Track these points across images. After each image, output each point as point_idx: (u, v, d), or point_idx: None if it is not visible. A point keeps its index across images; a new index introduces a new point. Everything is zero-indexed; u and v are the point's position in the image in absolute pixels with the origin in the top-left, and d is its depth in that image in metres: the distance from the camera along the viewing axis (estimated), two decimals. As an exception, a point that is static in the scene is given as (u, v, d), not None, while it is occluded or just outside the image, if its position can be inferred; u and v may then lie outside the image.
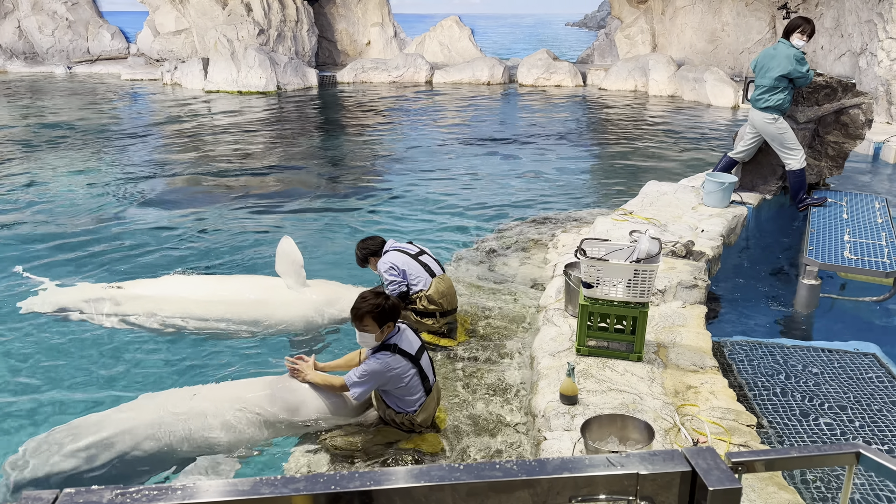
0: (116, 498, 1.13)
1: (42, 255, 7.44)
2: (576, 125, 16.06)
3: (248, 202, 9.56)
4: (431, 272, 5.38)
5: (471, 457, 4.10)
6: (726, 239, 6.61)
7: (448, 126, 15.69)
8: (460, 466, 1.22)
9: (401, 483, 1.20)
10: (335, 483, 1.18)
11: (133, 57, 25.27)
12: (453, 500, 1.22)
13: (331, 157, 12.62)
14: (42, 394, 4.89)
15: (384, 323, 4.02)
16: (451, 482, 1.19)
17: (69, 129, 14.70)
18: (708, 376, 4.22)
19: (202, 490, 1.16)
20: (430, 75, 22.91)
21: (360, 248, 5.57)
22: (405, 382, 4.05)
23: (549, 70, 22.44)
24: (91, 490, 1.15)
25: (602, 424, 3.43)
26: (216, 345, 5.49)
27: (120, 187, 10.33)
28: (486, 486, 1.20)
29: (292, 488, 1.15)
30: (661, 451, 1.26)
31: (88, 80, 23.04)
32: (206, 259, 7.41)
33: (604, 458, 1.23)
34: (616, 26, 23.76)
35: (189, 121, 16.04)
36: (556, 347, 4.75)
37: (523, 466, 1.22)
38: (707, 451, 1.25)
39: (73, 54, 25.61)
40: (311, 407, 4.26)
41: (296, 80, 21.12)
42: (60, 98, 19.19)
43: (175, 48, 23.76)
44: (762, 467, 1.30)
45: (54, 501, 1.13)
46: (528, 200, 9.70)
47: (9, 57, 24.88)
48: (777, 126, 7.03)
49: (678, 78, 19.66)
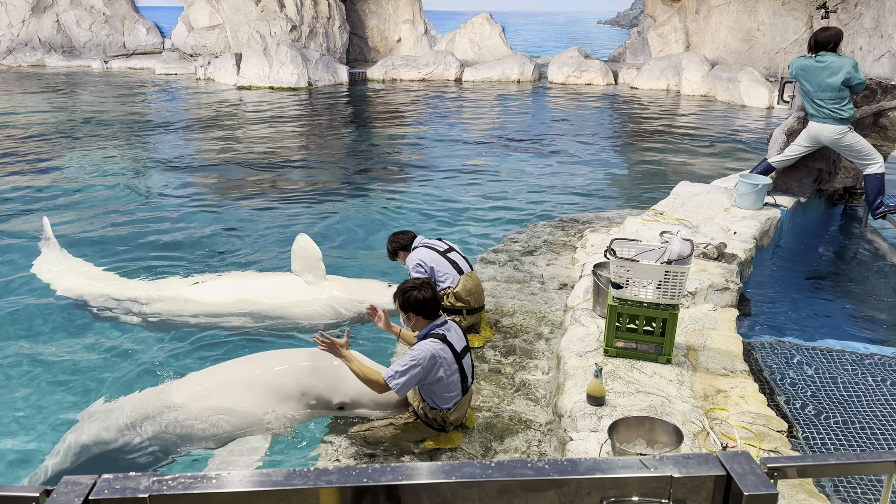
0: (153, 485, 1.15)
1: (70, 246, 7.57)
2: (606, 124, 15.94)
3: (276, 197, 9.65)
4: (459, 269, 5.38)
5: (495, 455, 4.10)
6: (759, 241, 6.51)
7: (476, 124, 15.67)
8: (492, 464, 1.22)
9: (432, 479, 1.21)
10: (367, 476, 1.19)
11: (167, 52, 25.63)
12: (480, 497, 1.22)
13: (359, 154, 12.68)
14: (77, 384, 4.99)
15: (407, 311, 4.07)
16: (483, 479, 1.19)
17: (103, 122, 14.96)
18: (738, 380, 4.16)
19: (236, 479, 1.18)
20: (460, 73, 22.89)
21: (390, 241, 5.60)
22: (446, 377, 4.01)
23: (579, 68, 22.30)
24: (128, 476, 1.17)
25: (630, 426, 3.41)
26: (242, 344, 5.55)
27: (150, 181, 10.49)
28: (517, 485, 1.20)
29: (325, 480, 1.16)
30: (695, 454, 1.25)
31: (124, 74, 23.42)
32: (233, 254, 7.49)
33: (637, 460, 1.22)
34: (649, 25, 23.52)
35: (221, 116, 16.22)
36: (583, 348, 4.72)
37: (555, 466, 1.22)
38: (742, 456, 1.23)
39: (110, 48, 26.05)
40: (350, 386, 4.26)
41: (327, 77, 21.25)
42: (96, 91, 19.54)
43: (209, 43, 24.06)
44: (799, 473, 1.28)
45: (93, 486, 1.15)
46: (556, 200, 9.66)
47: (47, 50, 25.39)
48: (851, 136, 6.82)
49: (712, 78, 19.40)
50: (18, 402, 4.74)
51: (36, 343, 5.51)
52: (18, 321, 5.84)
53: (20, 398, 4.77)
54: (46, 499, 1.15)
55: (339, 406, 4.31)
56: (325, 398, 4.28)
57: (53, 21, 25.60)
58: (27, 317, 5.91)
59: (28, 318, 5.90)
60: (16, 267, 6.96)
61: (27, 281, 6.59)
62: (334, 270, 6.76)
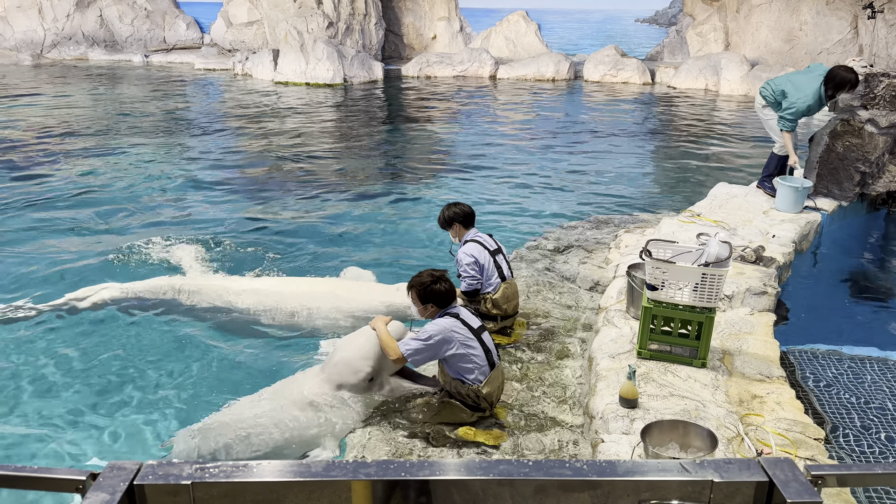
0: (196, 472, 1.17)
1: (107, 240, 7.72)
2: (642, 123, 15.76)
3: (309, 194, 9.72)
4: (502, 275, 5.33)
5: (524, 455, 4.08)
6: (798, 245, 6.38)
7: (510, 121, 15.62)
8: (529, 462, 1.22)
9: (468, 475, 1.21)
10: (405, 470, 1.19)
11: (206, 47, 25.99)
12: (512, 496, 1.22)
13: (392, 151, 12.73)
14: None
15: (427, 302, 4.20)
16: (520, 478, 1.19)
17: (142, 116, 15.23)
18: (774, 386, 4.09)
19: (275, 469, 1.19)
20: (495, 70, 22.82)
21: (448, 209, 5.46)
22: (467, 350, 4.09)
23: (616, 67, 22.07)
24: (171, 463, 1.19)
25: (663, 430, 3.37)
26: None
27: (187, 175, 10.65)
28: (555, 484, 1.19)
29: (364, 473, 1.17)
30: (736, 458, 1.23)
31: (163, 69, 23.81)
32: (270, 251, 7.54)
33: (676, 464, 1.21)
34: (688, 23, 23.18)
35: (257, 112, 16.41)
36: (615, 349, 4.68)
37: (593, 466, 1.21)
38: (785, 462, 1.21)
39: (150, 43, 26.51)
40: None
41: (362, 73, 21.35)
42: (136, 85, 19.90)
43: (247, 39, 24.34)
44: (843, 482, 1.25)
45: (137, 472, 1.18)
46: (589, 199, 9.58)
47: (90, 45, 25.92)
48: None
49: (751, 78, 19.05)
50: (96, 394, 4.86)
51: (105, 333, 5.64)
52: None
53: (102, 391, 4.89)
54: (93, 482, 1.18)
55: (369, 377, 4.33)
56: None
57: (97, 16, 26.12)
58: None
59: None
60: (67, 259, 7.14)
61: (82, 273, 6.77)
62: (368, 267, 6.82)
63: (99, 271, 6.75)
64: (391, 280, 6.23)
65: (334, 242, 7.81)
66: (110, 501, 1.12)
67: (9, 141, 12.45)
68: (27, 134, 13.09)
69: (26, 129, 13.50)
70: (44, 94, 18.05)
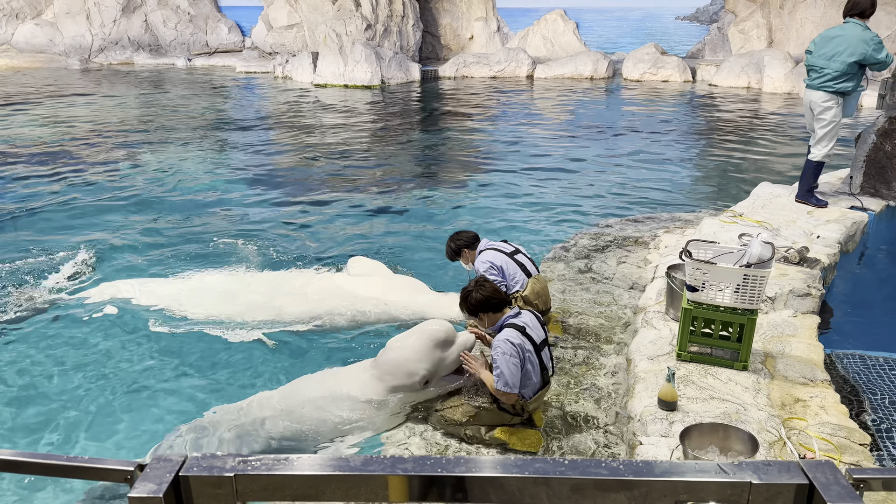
0: (239, 465, 1.20)
1: (148, 242, 7.89)
2: (683, 122, 15.54)
3: (348, 195, 9.81)
4: (527, 272, 5.33)
5: (559, 454, 4.07)
6: (844, 246, 6.23)
7: (547, 121, 15.55)
8: (565, 461, 1.22)
9: (504, 472, 1.22)
10: (441, 466, 1.21)
11: (248, 50, 26.44)
12: (548, 495, 1.23)
13: (429, 151, 12.78)
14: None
15: (477, 313, 4.10)
16: (556, 476, 1.20)
17: (186, 118, 15.56)
18: (818, 390, 4.01)
19: (316, 463, 1.22)
20: (532, 70, 22.74)
21: (453, 240, 5.50)
22: (526, 368, 4.01)
23: (656, 65, 21.81)
24: (215, 456, 1.23)
25: (703, 433, 3.33)
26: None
27: (227, 176, 10.85)
28: (591, 484, 1.19)
29: (402, 468, 1.19)
30: (775, 461, 1.22)
31: (206, 72, 24.29)
32: (307, 250, 7.64)
33: (714, 465, 1.20)
34: (730, 20, 22.78)
35: (297, 113, 16.63)
36: (654, 351, 4.63)
37: (630, 466, 1.21)
38: (826, 465, 1.19)
39: (193, 47, 27.06)
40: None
41: (399, 75, 21.48)
42: (180, 88, 20.34)
43: (287, 42, 24.69)
44: (889, 486, 1.22)
45: (182, 464, 1.22)
46: (628, 199, 9.49)
47: (136, 49, 26.57)
48: (833, 112, 6.68)
49: (796, 75, 18.64)
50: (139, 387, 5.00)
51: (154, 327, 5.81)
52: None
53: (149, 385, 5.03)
54: (140, 473, 1.22)
55: (424, 380, 4.34)
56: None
57: (142, 21, 26.77)
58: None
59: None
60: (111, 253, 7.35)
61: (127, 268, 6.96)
62: (405, 266, 6.86)
63: (181, 260, 6.99)
64: (423, 279, 6.25)
65: (368, 239, 7.88)
66: (157, 491, 1.16)
67: (65, 140, 12.84)
68: (84, 133, 13.48)
69: (83, 129, 13.91)
70: (93, 94, 18.59)
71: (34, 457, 1.31)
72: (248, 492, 1.20)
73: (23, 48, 26.01)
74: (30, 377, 5.07)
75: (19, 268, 6.87)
